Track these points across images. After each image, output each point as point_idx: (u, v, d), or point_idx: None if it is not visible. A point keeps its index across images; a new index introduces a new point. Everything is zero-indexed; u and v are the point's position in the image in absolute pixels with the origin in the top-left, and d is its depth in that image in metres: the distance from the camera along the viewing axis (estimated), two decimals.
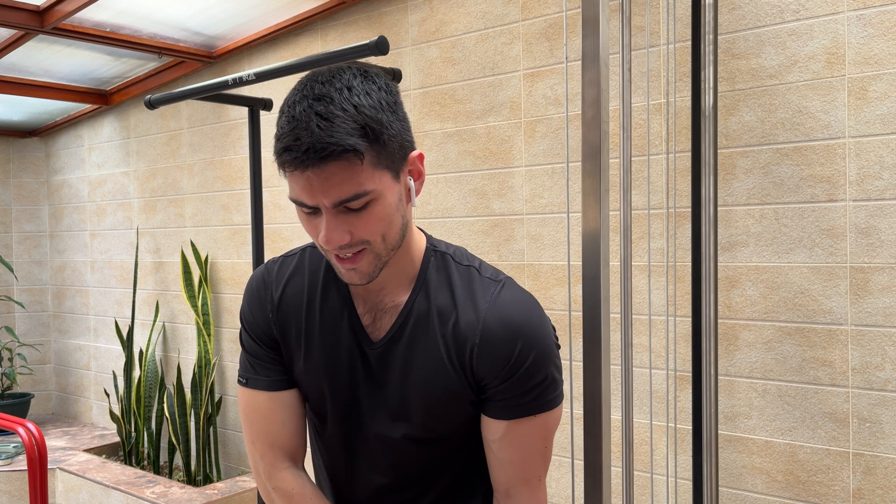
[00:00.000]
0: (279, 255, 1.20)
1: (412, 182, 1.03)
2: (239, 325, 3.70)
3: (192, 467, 3.75)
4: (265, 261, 2.58)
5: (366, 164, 0.94)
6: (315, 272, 1.15)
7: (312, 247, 1.17)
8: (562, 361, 1.11)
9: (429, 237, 1.14)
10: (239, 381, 1.18)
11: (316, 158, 0.91)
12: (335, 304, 1.12)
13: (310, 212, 0.98)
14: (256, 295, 1.16)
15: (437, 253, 1.12)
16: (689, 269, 2.20)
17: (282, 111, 0.96)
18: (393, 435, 1.11)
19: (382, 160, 0.96)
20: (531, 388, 1.05)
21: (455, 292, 1.08)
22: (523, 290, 1.11)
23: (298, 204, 0.98)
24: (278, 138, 0.95)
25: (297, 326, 1.13)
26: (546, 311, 2.59)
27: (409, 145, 1.02)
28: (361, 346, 1.11)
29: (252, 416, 1.16)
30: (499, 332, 1.04)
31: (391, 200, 0.98)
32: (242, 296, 1.19)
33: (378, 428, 1.11)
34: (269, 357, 1.15)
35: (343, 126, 0.92)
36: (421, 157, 1.05)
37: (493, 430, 1.09)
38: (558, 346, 1.10)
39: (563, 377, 1.16)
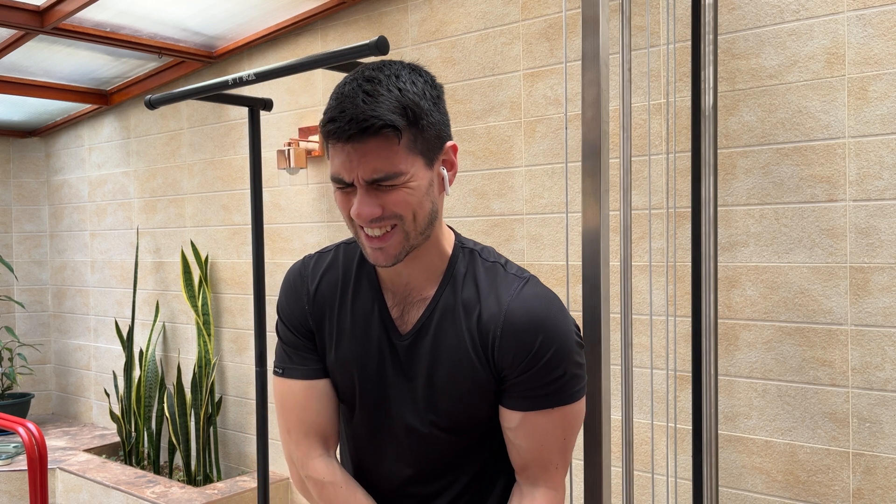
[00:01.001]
0: (315, 251, 1.27)
1: (445, 172, 1.08)
2: (238, 326, 3.70)
3: (192, 467, 3.75)
4: (265, 261, 2.58)
5: (402, 145, 1.00)
6: (349, 267, 1.19)
7: (346, 244, 1.23)
8: (585, 360, 1.13)
9: (457, 235, 1.18)
10: (275, 372, 1.21)
11: (357, 130, 0.98)
12: (366, 297, 1.17)
13: (345, 188, 1.03)
14: (293, 287, 1.21)
15: (465, 249, 1.16)
16: (689, 269, 2.20)
17: (332, 94, 1.04)
18: (421, 426, 1.13)
19: (419, 145, 1.02)
20: (549, 382, 1.07)
21: (480, 286, 1.12)
22: (547, 287, 1.13)
23: (336, 181, 1.04)
24: (325, 112, 1.02)
25: (331, 317, 1.18)
26: None
27: (446, 136, 1.08)
28: (391, 338, 1.14)
29: (288, 405, 1.19)
30: (520, 323, 1.07)
31: (422, 184, 1.03)
32: (280, 289, 1.27)
33: (406, 419, 1.14)
34: (305, 346, 1.19)
35: (386, 104, 0.99)
36: (455, 148, 1.09)
37: (509, 419, 1.11)
38: (581, 345, 1.12)
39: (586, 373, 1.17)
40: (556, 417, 1.10)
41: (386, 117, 0.98)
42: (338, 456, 1.24)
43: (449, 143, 1.08)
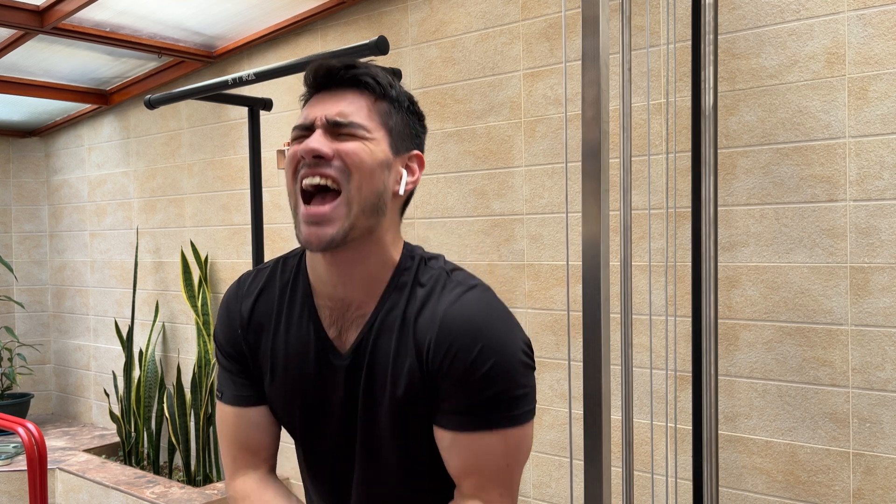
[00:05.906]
0: (252, 269, 1.20)
1: (405, 174, 1.04)
2: None
3: (192, 467, 3.75)
4: (264, 261, 2.58)
5: (375, 109, 1.00)
6: (285, 285, 1.11)
7: (285, 258, 1.15)
8: (535, 383, 1.03)
9: (407, 247, 1.09)
10: (216, 396, 1.17)
11: (345, 69, 0.99)
12: (302, 318, 1.09)
13: (301, 136, 1.00)
14: (228, 309, 1.15)
15: (413, 260, 1.07)
16: (689, 269, 2.20)
17: None
18: (370, 444, 1.08)
19: (390, 121, 1.02)
20: (487, 400, 0.97)
21: (421, 298, 1.03)
22: (498, 299, 1.03)
23: (298, 129, 1.00)
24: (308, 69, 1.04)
25: (266, 341, 1.11)
26: (545, 311, 2.59)
27: (416, 142, 1.08)
28: (330, 360, 1.07)
29: (222, 429, 1.16)
30: (457, 326, 0.98)
31: (378, 154, 0.99)
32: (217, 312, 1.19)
33: (353, 438, 1.09)
34: (237, 371, 1.14)
35: (371, 69, 1.01)
36: (421, 159, 1.07)
37: (441, 438, 1.02)
38: (529, 367, 1.01)
39: (535, 402, 1.04)
40: (496, 441, 0.98)
41: (369, 73, 1.00)
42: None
43: (416, 151, 1.06)
